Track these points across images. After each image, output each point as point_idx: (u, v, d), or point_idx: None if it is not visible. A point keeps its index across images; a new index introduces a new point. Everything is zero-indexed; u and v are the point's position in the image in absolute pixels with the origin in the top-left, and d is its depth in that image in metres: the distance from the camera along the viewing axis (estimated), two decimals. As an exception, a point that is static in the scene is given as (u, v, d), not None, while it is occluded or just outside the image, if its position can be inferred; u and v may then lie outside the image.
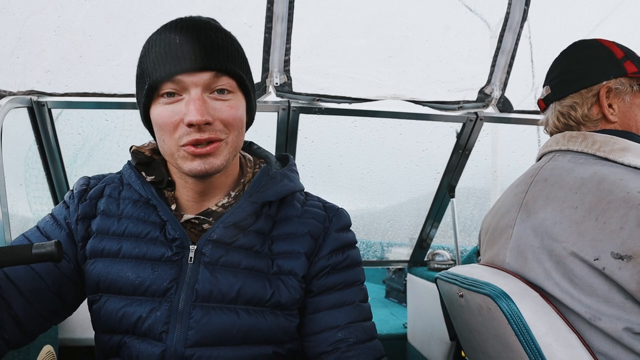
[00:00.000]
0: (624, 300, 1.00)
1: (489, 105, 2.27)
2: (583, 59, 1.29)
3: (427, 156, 2.61)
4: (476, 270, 1.29)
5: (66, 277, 1.01)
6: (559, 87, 1.32)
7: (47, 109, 2.10)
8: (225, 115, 0.94)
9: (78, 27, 1.96)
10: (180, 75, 0.90)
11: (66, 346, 2.33)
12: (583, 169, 1.15)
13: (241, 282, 0.97)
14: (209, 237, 0.99)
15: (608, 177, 1.07)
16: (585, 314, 1.05)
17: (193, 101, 0.90)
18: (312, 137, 2.40)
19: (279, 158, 1.22)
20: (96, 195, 1.07)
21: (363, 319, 1.08)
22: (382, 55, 2.12)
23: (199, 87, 0.91)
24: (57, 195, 2.36)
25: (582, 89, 1.26)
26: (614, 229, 1.00)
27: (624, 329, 1.00)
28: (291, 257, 1.04)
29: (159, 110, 0.93)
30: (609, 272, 1.00)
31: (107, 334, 0.99)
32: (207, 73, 0.91)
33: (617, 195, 1.02)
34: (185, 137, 0.91)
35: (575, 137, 1.23)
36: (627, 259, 0.98)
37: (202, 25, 0.93)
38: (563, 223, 1.11)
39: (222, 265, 0.98)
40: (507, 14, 2.07)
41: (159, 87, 0.92)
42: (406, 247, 3.06)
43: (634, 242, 0.97)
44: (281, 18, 1.92)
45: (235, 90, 0.97)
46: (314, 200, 1.16)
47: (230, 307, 0.97)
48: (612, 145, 1.15)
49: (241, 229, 1.02)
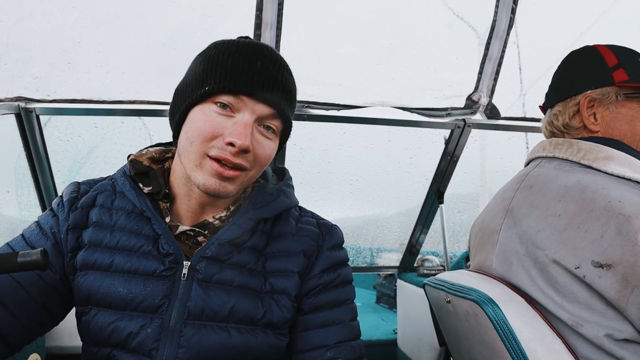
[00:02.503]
0: (605, 308, 1.01)
1: (476, 112, 2.29)
2: (572, 67, 1.31)
3: (415, 162, 2.62)
4: (463, 276, 1.30)
5: (52, 288, 0.98)
6: (549, 95, 1.36)
7: (35, 115, 2.09)
8: (261, 152, 0.95)
9: (66, 33, 1.95)
10: (247, 97, 0.91)
11: (53, 354, 2.31)
12: (567, 176, 1.16)
13: (234, 301, 0.96)
14: (203, 254, 0.97)
15: (591, 186, 1.08)
16: (568, 320, 1.06)
17: (244, 125, 0.90)
18: (301, 144, 2.41)
19: (275, 171, 1.21)
20: (88, 204, 1.03)
21: (352, 338, 1.07)
22: (370, 63, 2.14)
23: (254, 115, 0.92)
24: (45, 202, 2.35)
25: (566, 98, 1.28)
26: (594, 238, 1.01)
27: (605, 335, 1.01)
28: (284, 276, 1.03)
29: (205, 115, 0.92)
30: (589, 281, 1.01)
31: (95, 347, 0.97)
32: (268, 107, 0.93)
33: (598, 204, 1.03)
34: (216, 150, 0.91)
35: (561, 144, 1.24)
36: (606, 267, 0.98)
37: (283, 64, 0.96)
38: (546, 231, 1.12)
39: (215, 282, 0.97)
40: (493, 21, 2.09)
41: (218, 95, 0.91)
42: (396, 253, 3.07)
43: (613, 250, 0.98)
44: (270, 25, 1.92)
45: (278, 132, 0.99)
46: (308, 217, 1.15)
47: (222, 325, 0.95)
48: (596, 153, 1.16)
49: (236, 246, 1.01)
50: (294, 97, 0.99)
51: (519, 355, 1.04)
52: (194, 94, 0.93)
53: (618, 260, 0.97)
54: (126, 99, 2.10)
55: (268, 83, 0.92)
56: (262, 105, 0.92)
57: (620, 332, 1.00)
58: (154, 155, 1.09)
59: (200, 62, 0.96)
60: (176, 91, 1.01)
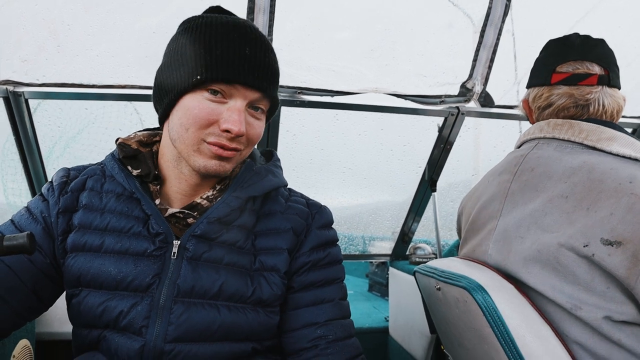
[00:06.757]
0: (605, 290, 1.02)
1: (470, 99, 2.28)
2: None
3: (408, 150, 2.61)
4: (454, 264, 1.30)
5: (42, 272, 0.99)
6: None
7: (24, 99, 2.06)
8: (252, 132, 0.99)
9: (56, 16, 1.92)
10: (238, 84, 0.93)
11: (43, 340, 2.30)
12: (571, 157, 1.15)
13: (223, 278, 0.97)
14: (192, 233, 0.98)
15: (598, 166, 1.08)
16: (567, 303, 1.06)
17: (238, 112, 0.93)
18: (294, 131, 2.40)
19: (263, 153, 1.22)
20: (78, 188, 1.04)
21: (342, 316, 1.09)
22: (364, 49, 2.12)
23: (246, 101, 0.95)
24: (35, 187, 2.33)
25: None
26: (604, 215, 1.01)
27: (603, 317, 1.02)
28: (274, 253, 1.05)
29: (198, 102, 0.93)
30: (598, 259, 1.01)
31: (86, 329, 0.98)
32: (258, 92, 0.96)
33: (608, 185, 1.03)
34: (214, 137, 0.94)
35: (560, 124, 1.23)
36: (616, 244, 0.98)
37: (268, 46, 0.98)
38: (554, 214, 1.12)
39: (204, 260, 0.98)
40: (489, 8, 2.08)
41: (212, 83, 0.92)
42: (388, 241, 3.08)
43: (624, 227, 0.98)
44: (263, 10, 1.90)
45: (266, 111, 1.03)
46: (297, 197, 1.17)
47: (211, 303, 0.96)
48: (599, 134, 1.15)
49: (225, 224, 1.02)
50: (278, 76, 1.02)
51: (507, 341, 1.04)
52: (185, 82, 0.93)
53: (629, 237, 0.97)
54: (117, 84, 2.07)
55: (258, 69, 0.94)
56: (252, 91, 0.95)
57: (620, 313, 1.01)
58: (142, 138, 1.09)
59: (185, 45, 0.95)
60: (160, 73, 1.00)
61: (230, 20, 0.96)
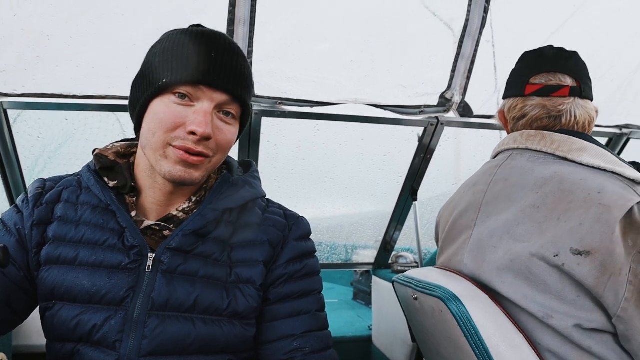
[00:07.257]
0: (575, 298, 1.04)
1: (449, 109, 2.31)
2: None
3: (389, 160, 2.63)
4: (430, 273, 1.31)
5: (16, 285, 0.98)
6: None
7: (3, 109, 2.04)
8: (221, 137, 0.98)
9: (35, 26, 1.91)
10: (204, 86, 0.93)
11: (20, 353, 2.26)
12: (543, 168, 1.18)
13: (198, 291, 0.97)
14: (167, 245, 0.98)
15: (568, 177, 1.10)
16: (538, 312, 1.08)
17: (204, 114, 0.93)
18: (275, 141, 2.40)
19: (241, 163, 1.22)
20: (53, 200, 1.03)
21: (319, 328, 1.09)
22: (344, 60, 2.14)
23: (213, 103, 0.95)
24: (14, 199, 2.30)
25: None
26: (573, 226, 1.03)
27: (574, 325, 1.04)
28: (249, 265, 1.05)
29: (165, 106, 0.94)
30: (567, 268, 1.03)
31: (59, 343, 0.96)
32: (225, 95, 0.95)
33: (578, 196, 1.05)
34: (179, 140, 0.93)
35: (533, 136, 1.25)
36: (585, 254, 1.00)
37: (236, 51, 0.98)
38: (526, 224, 1.13)
39: (180, 273, 0.97)
40: (466, 20, 2.11)
41: (176, 86, 0.93)
42: (371, 250, 3.08)
43: (592, 238, 1.00)
44: (243, 21, 1.91)
45: (237, 117, 1.02)
46: (275, 208, 1.17)
47: (186, 316, 0.96)
48: (570, 145, 1.18)
49: (201, 236, 1.01)
50: (249, 81, 1.02)
51: (481, 350, 1.06)
52: (152, 87, 0.94)
53: (597, 247, 0.99)
54: (98, 94, 2.06)
55: (223, 71, 0.95)
56: (219, 93, 0.95)
57: (589, 322, 1.03)
58: (120, 150, 1.09)
59: (155, 55, 0.97)
60: (134, 84, 1.01)
61: (203, 30, 0.98)
